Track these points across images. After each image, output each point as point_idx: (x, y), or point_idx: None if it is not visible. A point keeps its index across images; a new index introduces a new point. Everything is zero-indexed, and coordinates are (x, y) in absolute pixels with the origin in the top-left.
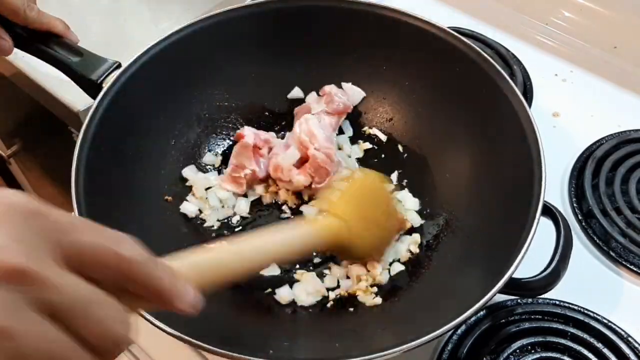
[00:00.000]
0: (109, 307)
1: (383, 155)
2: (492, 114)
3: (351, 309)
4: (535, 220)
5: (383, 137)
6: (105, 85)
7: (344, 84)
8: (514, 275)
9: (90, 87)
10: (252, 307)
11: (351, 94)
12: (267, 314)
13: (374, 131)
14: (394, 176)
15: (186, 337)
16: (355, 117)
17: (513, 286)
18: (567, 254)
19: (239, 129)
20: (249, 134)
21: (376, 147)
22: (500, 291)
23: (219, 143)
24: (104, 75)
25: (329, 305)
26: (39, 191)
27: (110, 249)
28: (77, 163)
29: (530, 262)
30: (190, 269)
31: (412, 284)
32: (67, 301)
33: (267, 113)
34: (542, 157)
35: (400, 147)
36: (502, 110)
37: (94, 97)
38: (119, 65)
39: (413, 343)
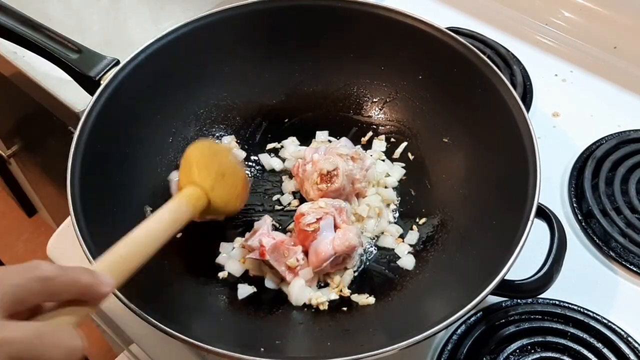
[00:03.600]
0: (57, 331)
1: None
2: (489, 114)
3: (344, 309)
4: (529, 222)
5: (381, 138)
6: (103, 82)
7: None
8: (507, 277)
9: (89, 84)
10: (245, 306)
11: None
12: (259, 313)
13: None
14: (396, 176)
15: (183, 337)
16: (353, 118)
17: (506, 288)
18: (560, 257)
19: (236, 128)
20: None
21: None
22: (493, 293)
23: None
24: (102, 72)
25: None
26: (39, 191)
27: (32, 278)
28: (74, 160)
29: (524, 264)
30: (104, 267)
31: (405, 284)
32: (21, 346)
33: (264, 112)
34: (538, 158)
35: (397, 148)
36: (499, 111)
37: (92, 93)
38: (117, 63)
39: (404, 343)
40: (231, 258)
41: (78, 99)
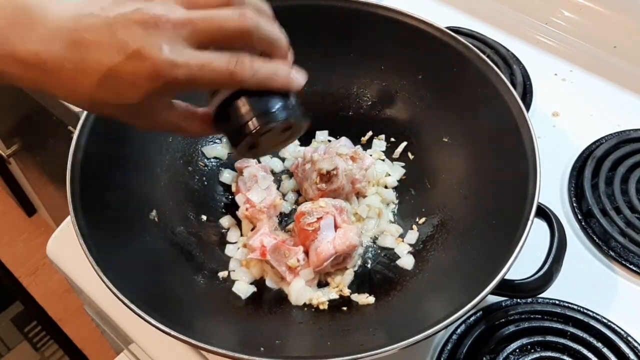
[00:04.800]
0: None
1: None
2: (489, 114)
3: (344, 308)
4: (529, 222)
5: (381, 137)
6: None
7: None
8: (507, 277)
9: None
10: (245, 306)
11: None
12: (259, 312)
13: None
14: (396, 175)
15: (183, 337)
16: (352, 118)
17: (506, 287)
18: (560, 256)
19: None
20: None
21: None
22: (493, 292)
23: (216, 140)
24: None
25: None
26: (39, 191)
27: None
28: (73, 160)
29: (524, 264)
30: None
31: (405, 284)
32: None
33: None
34: (537, 158)
35: (397, 148)
36: (498, 110)
37: None
38: None
39: (404, 342)
40: (241, 271)
41: None
